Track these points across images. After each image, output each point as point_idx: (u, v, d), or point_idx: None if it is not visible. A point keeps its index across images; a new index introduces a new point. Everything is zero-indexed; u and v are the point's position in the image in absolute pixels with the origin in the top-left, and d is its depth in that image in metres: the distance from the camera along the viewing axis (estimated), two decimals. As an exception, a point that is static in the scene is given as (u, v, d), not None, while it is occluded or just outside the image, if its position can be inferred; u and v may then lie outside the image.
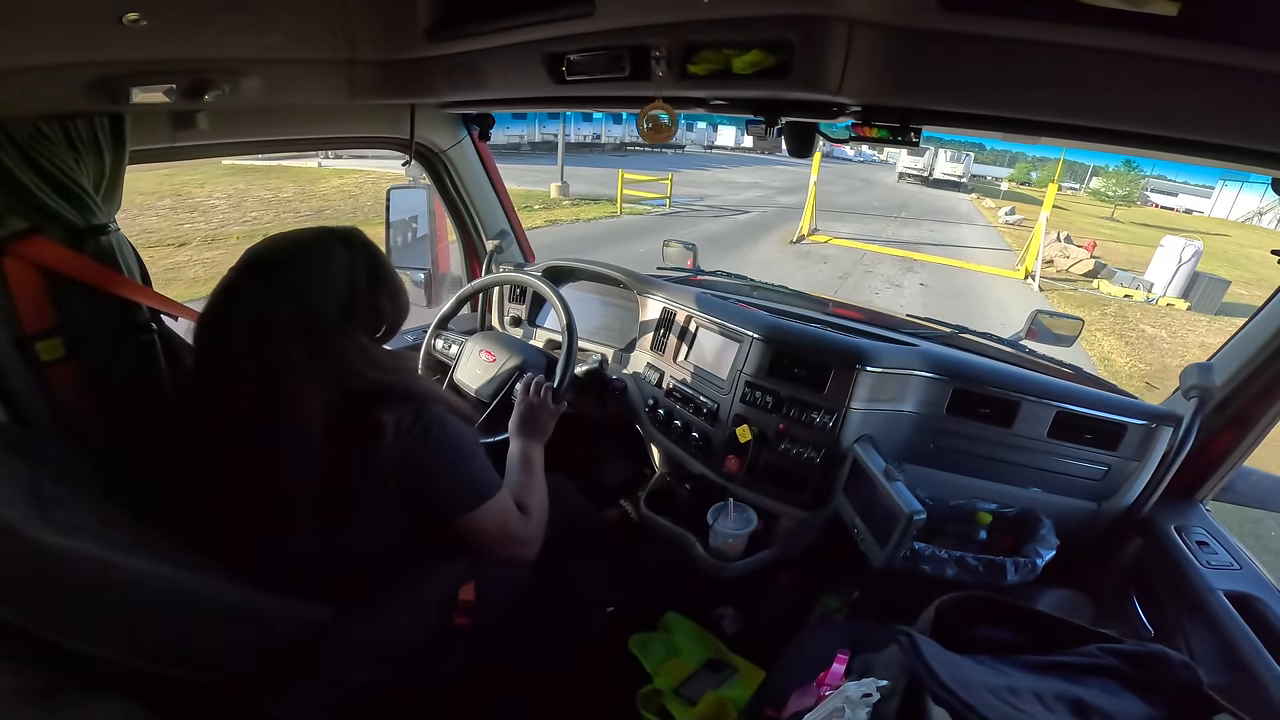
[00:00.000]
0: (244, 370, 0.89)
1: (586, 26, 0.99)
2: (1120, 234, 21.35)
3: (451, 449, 1.01)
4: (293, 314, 0.90)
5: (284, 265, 0.95)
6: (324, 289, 0.94)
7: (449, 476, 1.02)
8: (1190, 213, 34.91)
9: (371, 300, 1.00)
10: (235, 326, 0.90)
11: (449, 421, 1.01)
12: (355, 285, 0.97)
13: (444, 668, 1.20)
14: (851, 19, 0.78)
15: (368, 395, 0.94)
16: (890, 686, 0.78)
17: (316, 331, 0.92)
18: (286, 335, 0.90)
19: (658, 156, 27.58)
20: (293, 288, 0.92)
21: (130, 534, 0.88)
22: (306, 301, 0.92)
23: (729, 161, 31.22)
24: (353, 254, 0.99)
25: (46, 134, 1.01)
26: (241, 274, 0.94)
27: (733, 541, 1.53)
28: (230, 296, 0.93)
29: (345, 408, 0.92)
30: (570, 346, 1.54)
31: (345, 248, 0.99)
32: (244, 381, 0.89)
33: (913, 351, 1.53)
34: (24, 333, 1.05)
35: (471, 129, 1.95)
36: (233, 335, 0.90)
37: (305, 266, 0.95)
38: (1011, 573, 1.26)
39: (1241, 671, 1.02)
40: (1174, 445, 1.36)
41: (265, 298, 0.91)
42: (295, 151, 11.36)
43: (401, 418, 0.94)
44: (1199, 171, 26.30)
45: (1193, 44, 0.63)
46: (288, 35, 1.08)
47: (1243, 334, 1.33)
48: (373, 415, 0.93)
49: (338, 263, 0.97)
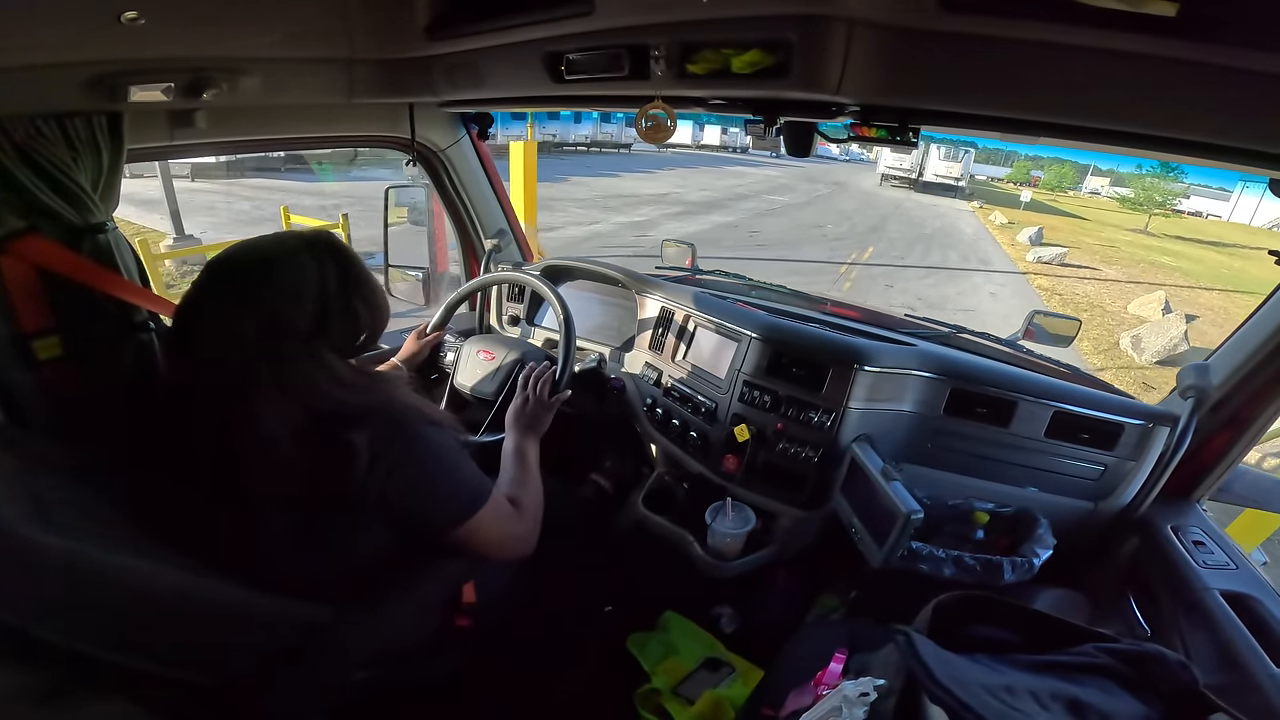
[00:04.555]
0: (212, 384, 0.87)
1: (585, 25, 0.99)
2: (1159, 253, 17.62)
3: (435, 464, 0.99)
4: (257, 332, 0.87)
5: (248, 277, 0.90)
6: (292, 301, 0.90)
7: (436, 494, 0.99)
8: (1200, 215, 32.59)
9: (345, 307, 0.95)
10: (202, 341, 0.88)
11: (429, 436, 0.98)
12: (326, 293, 0.92)
13: (442, 668, 1.21)
14: (851, 19, 0.78)
15: (338, 417, 0.90)
16: (887, 686, 0.78)
17: (282, 352, 0.88)
18: (252, 355, 0.86)
19: (596, 158, 25.39)
20: (260, 302, 0.88)
21: (128, 534, 0.87)
22: (274, 316, 0.88)
23: (672, 162, 27.34)
24: (320, 259, 0.93)
25: (44, 133, 1.00)
26: (205, 286, 0.91)
27: (731, 541, 1.54)
28: (195, 311, 0.90)
29: (315, 429, 0.88)
30: (568, 343, 1.54)
31: (312, 253, 0.93)
32: (212, 395, 0.87)
33: (910, 351, 1.53)
34: (21, 331, 1.05)
35: (470, 128, 1.94)
36: (200, 347, 0.88)
37: (271, 277, 0.90)
38: (1008, 572, 1.27)
39: (1237, 671, 1.02)
40: (1170, 445, 1.36)
41: (231, 314, 0.87)
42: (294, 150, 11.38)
43: (376, 439, 0.90)
44: (1213, 172, 21.76)
45: (1191, 44, 0.63)
46: (286, 34, 1.08)
47: (1239, 335, 1.33)
48: (344, 438, 0.89)
49: (305, 270, 0.91)
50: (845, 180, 27.87)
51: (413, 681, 1.17)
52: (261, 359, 0.87)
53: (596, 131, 27.68)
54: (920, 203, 22.22)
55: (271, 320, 0.88)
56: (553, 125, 25.04)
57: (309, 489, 0.89)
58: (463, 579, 1.17)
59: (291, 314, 0.89)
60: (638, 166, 23.72)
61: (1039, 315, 1.76)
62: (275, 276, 0.90)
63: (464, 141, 1.95)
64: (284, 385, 0.87)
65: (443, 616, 1.17)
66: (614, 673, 1.58)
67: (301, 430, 0.88)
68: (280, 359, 0.87)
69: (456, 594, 1.17)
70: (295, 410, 0.88)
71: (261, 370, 0.86)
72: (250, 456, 0.87)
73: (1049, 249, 14.28)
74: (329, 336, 0.93)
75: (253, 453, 0.87)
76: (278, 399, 0.87)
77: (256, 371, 0.86)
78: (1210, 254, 19.31)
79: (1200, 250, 20.14)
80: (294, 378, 0.88)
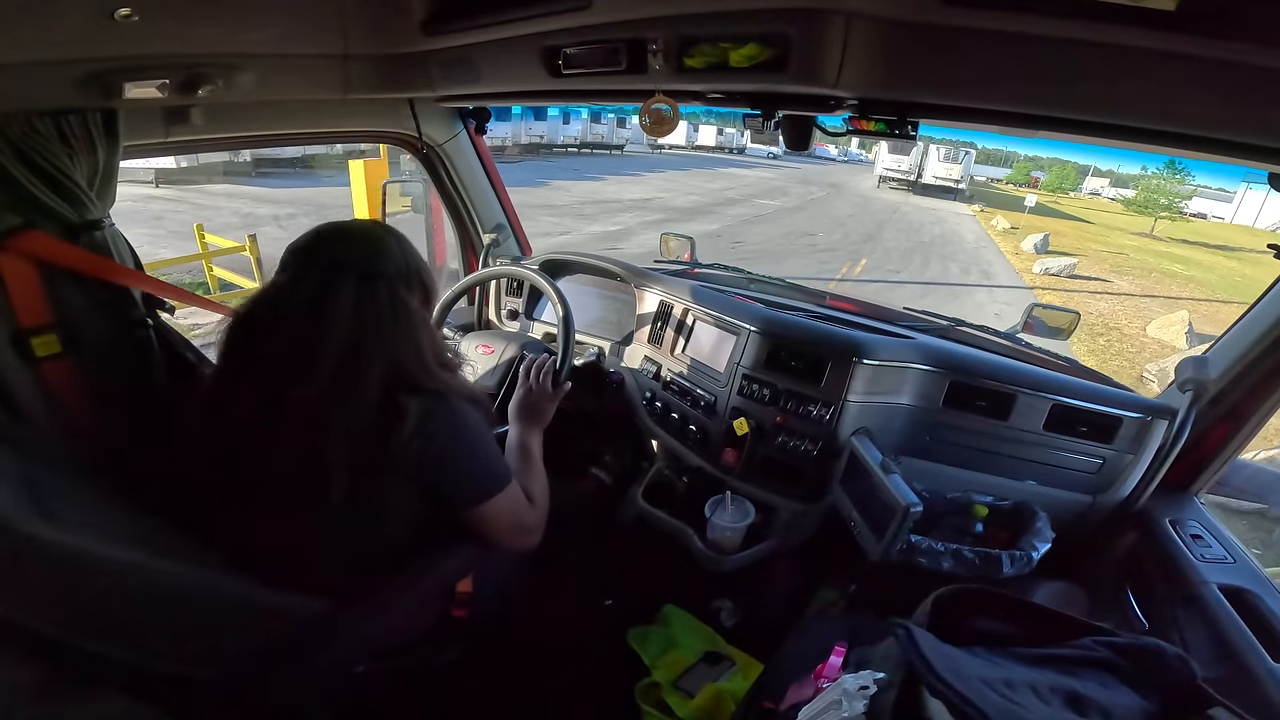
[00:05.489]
0: (328, 344, 0.91)
1: (583, 20, 0.99)
2: (1169, 260, 16.83)
3: (467, 440, 1.03)
4: (388, 294, 0.95)
5: (363, 251, 0.98)
6: (400, 276, 0.99)
7: (469, 466, 1.04)
8: (1204, 217, 31.29)
9: (422, 285, 1.04)
10: (336, 300, 0.92)
11: (467, 411, 1.02)
12: (409, 272, 1.01)
13: (442, 660, 1.21)
14: (849, 12, 0.78)
15: (414, 385, 0.96)
16: (887, 679, 0.79)
17: (404, 313, 0.97)
18: (381, 313, 0.94)
19: (585, 159, 23.97)
20: (379, 270, 0.96)
21: (127, 528, 0.88)
22: (394, 286, 0.97)
23: (664, 165, 25.67)
24: (401, 244, 1.03)
25: (39, 130, 1.00)
26: (318, 255, 0.97)
27: (730, 534, 1.54)
28: (306, 276, 0.94)
29: (392, 388, 0.94)
30: (568, 335, 1.54)
31: (394, 239, 1.03)
32: (325, 355, 0.91)
33: (909, 344, 1.53)
34: (19, 328, 1.04)
35: (468, 123, 1.94)
36: (323, 309, 0.92)
37: (381, 252, 0.99)
38: (1007, 565, 1.27)
39: (1235, 664, 1.03)
40: (1169, 438, 1.36)
41: (360, 275, 0.94)
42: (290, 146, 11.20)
43: (422, 406, 0.95)
44: (1219, 170, 21.43)
45: (1191, 39, 0.63)
46: (282, 30, 1.08)
47: (1238, 328, 1.33)
48: (399, 401, 0.94)
49: (395, 253, 1.00)
50: (842, 182, 27.16)
51: (413, 673, 1.18)
52: (387, 319, 0.95)
53: (586, 131, 26.46)
54: (919, 206, 21.69)
55: (392, 286, 0.97)
56: (540, 125, 23.96)
57: (374, 436, 0.93)
58: (464, 572, 1.17)
59: (403, 289, 0.99)
60: (627, 169, 22.73)
61: (1037, 308, 1.76)
62: (385, 252, 0.99)
63: (461, 136, 1.94)
64: (398, 345, 0.96)
65: (443, 608, 1.17)
66: (614, 666, 1.58)
67: (385, 387, 0.94)
68: (399, 322, 0.96)
69: (456, 587, 1.18)
70: (391, 372, 0.95)
71: (385, 329, 0.95)
72: (340, 414, 0.91)
73: (1056, 260, 13.68)
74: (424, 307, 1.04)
75: (347, 410, 0.91)
76: (388, 356, 0.95)
77: (381, 329, 0.94)
78: (1220, 260, 18.85)
79: (1210, 255, 19.61)
80: (408, 340, 0.97)
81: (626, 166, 23.55)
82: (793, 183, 24.56)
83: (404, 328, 0.97)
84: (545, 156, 23.50)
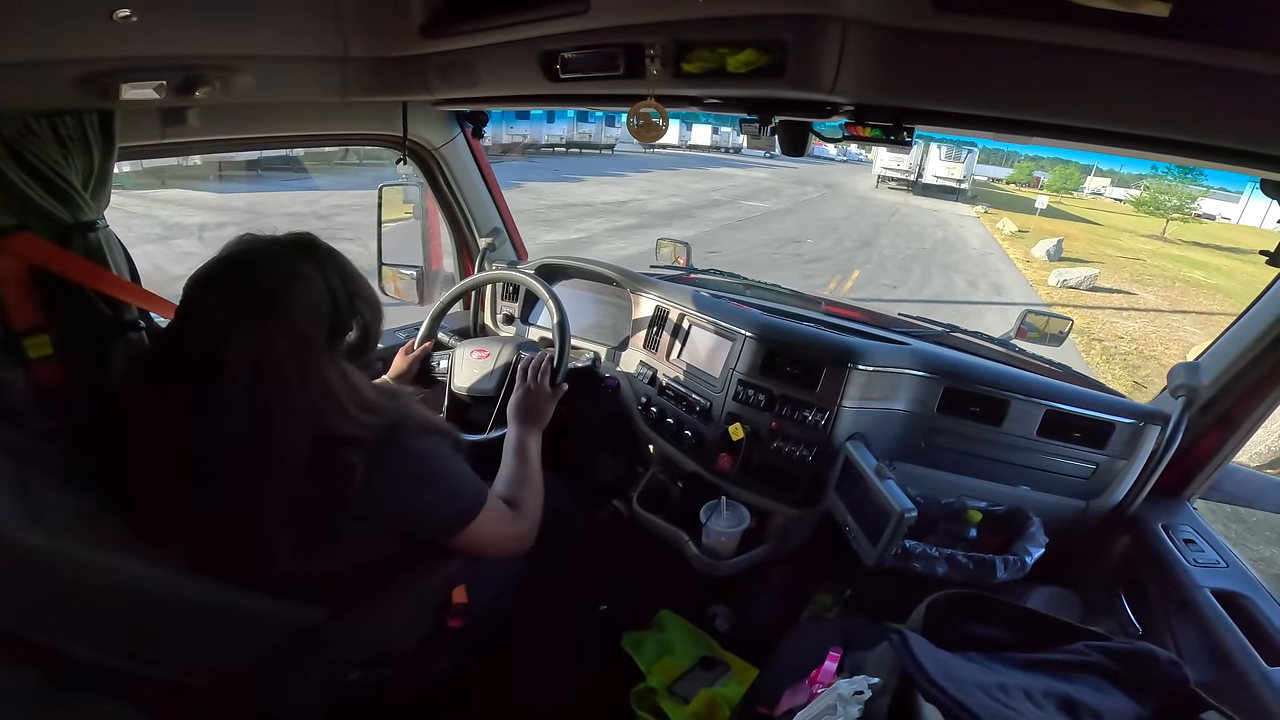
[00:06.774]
0: (230, 399, 0.84)
1: (581, 24, 0.99)
2: (1187, 266, 15.83)
3: (428, 477, 0.99)
4: (288, 343, 0.86)
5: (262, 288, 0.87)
6: (310, 313, 0.89)
7: (430, 506, 0.99)
8: (1211, 218, 30.26)
9: (353, 313, 0.96)
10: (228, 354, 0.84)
11: (421, 447, 0.98)
12: (336, 302, 0.92)
13: (437, 668, 1.20)
14: (845, 18, 0.78)
15: (345, 437, 0.89)
16: (882, 684, 0.79)
17: (310, 361, 0.87)
18: (283, 368, 0.85)
19: (569, 160, 22.81)
20: (280, 310, 0.86)
21: (119, 535, 0.87)
22: (297, 329, 0.87)
23: (653, 164, 24.49)
24: (324, 267, 0.93)
25: (35, 130, 1.00)
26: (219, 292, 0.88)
27: (725, 539, 1.54)
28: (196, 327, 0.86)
29: (324, 446, 0.88)
30: (563, 337, 1.53)
31: (314, 263, 0.92)
32: (229, 411, 0.84)
33: (904, 350, 1.54)
34: (11, 330, 1.04)
35: (465, 126, 1.94)
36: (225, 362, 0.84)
37: (291, 282, 0.88)
38: (1001, 570, 1.27)
39: (1228, 669, 1.03)
40: (1161, 444, 1.37)
41: (260, 319, 0.85)
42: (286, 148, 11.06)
43: (370, 456, 0.90)
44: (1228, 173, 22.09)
45: (1184, 45, 0.63)
46: (280, 32, 1.08)
47: (1230, 334, 1.34)
48: (343, 456, 0.88)
49: (314, 281, 0.90)
50: (839, 183, 25.95)
51: (408, 681, 1.17)
52: (293, 369, 0.86)
53: (572, 131, 25.30)
54: (919, 207, 20.63)
55: (297, 332, 0.87)
56: (522, 125, 22.77)
57: (315, 500, 0.88)
58: (458, 580, 1.16)
59: (312, 327, 0.89)
60: (611, 169, 21.57)
61: (1031, 313, 1.77)
62: (292, 294, 0.88)
63: (458, 140, 1.94)
64: (310, 399, 0.87)
65: (438, 617, 1.17)
66: (609, 672, 1.58)
67: (312, 445, 0.87)
68: (308, 367, 0.87)
69: (451, 595, 1.17)
70: (312, 423, 0.87)
71: (292, 379, 0.85)
72: (260, 479, 0.85)
73: (1075, 270, 12.21)
74: (342, 343, 0.94)
75: (267, 466, 0.85)
76: (303, 409, 0.86)
77: (287, 383, 0.85)
78: (1238, 264, 17.87)
79: (1226, 260, 18.80)
80: (319, 393, 0.88)
81: (612, 167, 22.54)
82: (786, 183, 23.50)
83: (313, 379, 0.87)
84: (530, 157, 22.64)
